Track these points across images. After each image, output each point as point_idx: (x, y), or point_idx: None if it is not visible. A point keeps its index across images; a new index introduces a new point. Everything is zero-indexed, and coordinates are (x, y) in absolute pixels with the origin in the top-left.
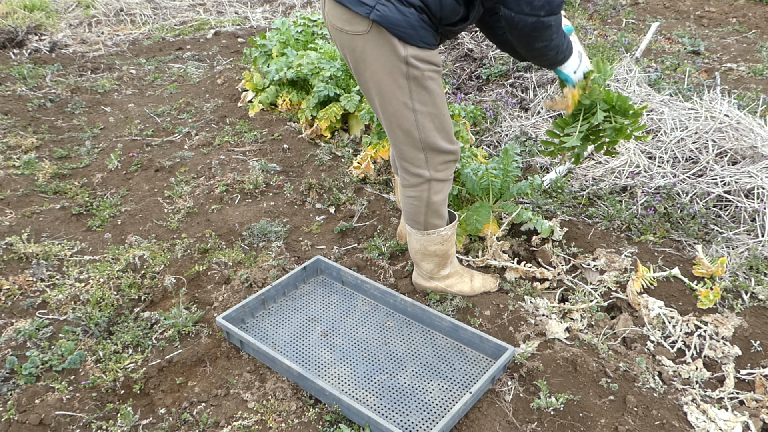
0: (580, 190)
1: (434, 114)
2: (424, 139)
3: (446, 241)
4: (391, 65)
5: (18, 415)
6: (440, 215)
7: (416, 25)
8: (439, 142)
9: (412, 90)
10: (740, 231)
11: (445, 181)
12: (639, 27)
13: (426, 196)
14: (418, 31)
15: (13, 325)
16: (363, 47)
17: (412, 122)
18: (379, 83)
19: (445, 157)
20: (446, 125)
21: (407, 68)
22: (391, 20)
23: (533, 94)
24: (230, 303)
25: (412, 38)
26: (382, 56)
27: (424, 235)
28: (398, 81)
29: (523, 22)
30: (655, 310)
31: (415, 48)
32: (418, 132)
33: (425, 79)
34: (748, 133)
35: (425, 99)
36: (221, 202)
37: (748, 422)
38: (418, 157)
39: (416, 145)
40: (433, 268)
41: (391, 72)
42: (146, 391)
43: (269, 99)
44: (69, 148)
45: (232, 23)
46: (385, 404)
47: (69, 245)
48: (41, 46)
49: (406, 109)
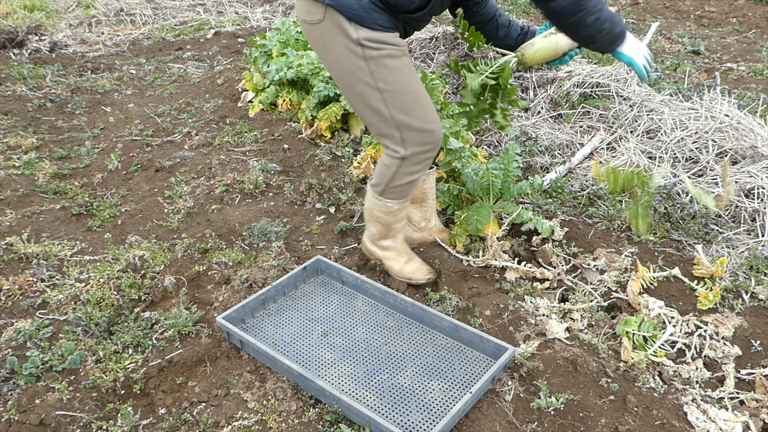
0: (580, 190)
1: (401, 91)
2: (395, 116)
3: (391, 214)
4: (347, 49)
5: (18, 415)
6: (400, 193)
7: (368, 8)
8: (412, 120)
9: (372, 70)
10: (740, 231)
11: (419, 165)
12: (639, 27)
13: (395, 170)
14: (370, 14)
15: (14, 325)
16: (321, 34)
17: (379, 100)
18: (341, 67)
19: (422, 136)
20: (419, 102)
21: (362, 50)
22: (342, 3)
23: (533, 94)
24: (230, 303)
25: (365, 20)
26: (338, 41)
27: (375, 197)
28: (357, 63)
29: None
30: (656, 310)
31: (368, 30)
32: (387, 110)
33: (383, 58)
34: (748, 133)
35: (388, 77)
36: (221, 202)
37: (749, 422)
38: (393, 134)
39: (389, 123)
40: (375, 233)
41: (349, 55)
42: (146, 391)
43: (269, 99)
44: (69, 148)
45: (232, 23)
46: (386, 404)
47: (69, 245)
48: (41, 46)
49: (370, 89)
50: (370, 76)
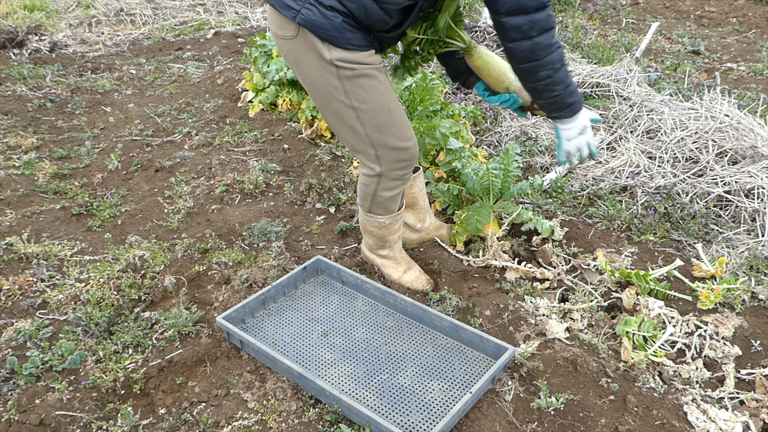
0: (580, 190)
1: (376, 110)
2: (370, 135)
3: (384, 228)
4: (320, 68)
5: (18, 415)
6: (385, 208)
7: (341, 28)
8: (387, 138)
9: (347, 89)
10: (740, 231)
11: (397, 180)
12: (639, 27)
13: (374, 188)
14: (344, 34)
15: (14, 325)
16: (294, 51)
17: (354, 118)
18: (314, 84)
19: (397, 154)
20: (395, 121)
21: (336, 70)
22: (315, 23)
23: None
24: (230, 303)
25: (338, 41)
26: (311, 59)
27: (364, 214)
28: (331, 82)
29: (520, 49)
30: (656, 310)
31: (342, 50)
32: (362, 128)
33: (358, 77)
34: (748, 133)
35: (363, 97)
36: (221, 202)
37: (749, 422)
38: (368, 152)
39: (363, 140)
40: (372, 244)
41: (322, 74)
42: (146, 391)
43: (269, 99)
44: (69, 148)
45: (232, 23)
46: (386, 404)
47: (69, 245)
48: (41, 46)
49: (345, 107)
50: (345, 95)
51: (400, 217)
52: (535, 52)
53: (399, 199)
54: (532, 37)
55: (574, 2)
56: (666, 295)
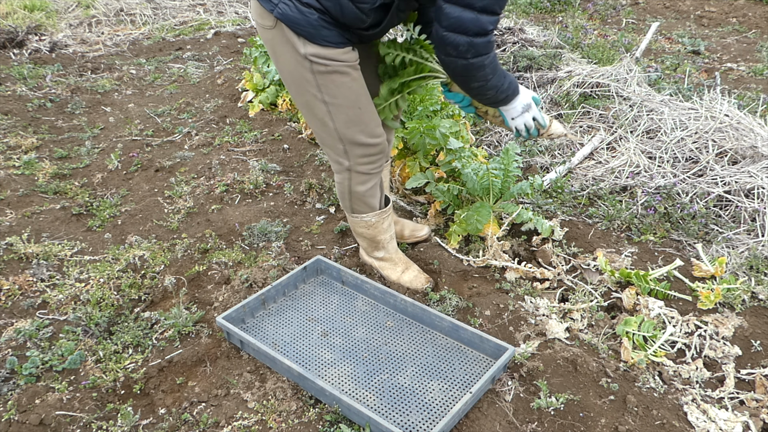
0: (580, 190)
1: (347, 106)
2: (339, 129)
3: (371, 227)
4: (295, 60)
5: (18, 415)
6: (366, 204)
7: (316, 25)
8: (355, 134)
9: (319, 84)
10: (740, 231)
11: (367, 174)
12: (639, 27)
13: (348, 184)
14: (319, 31)
15: (14, 325)
16: (272, 40)
17: (324, 112)
18: (289, 75)
19: (365, 150)
20: (364, 118)
21: (310, 64)
22: (291, 18)
23: None
24: (230, 303)
25: (313, 37)
26: (287, 51)
27: (349, 215)
28: (305, 75)
29: (454, 65)
30: (656, 310)
31: (317, 46)
32: (332, 122)
33: (331, 73)
34: (748, 133)
35: (334, 92)
36: (221, 202)
37: (749, 422)
38: (336, 146)
39: (332, 135)
40: (366, 246)
41: (297, 67)
42: (146, 391)
43: (269, 99)
44: (69, 148)
45: (232, 23)
46: (386, 404)
47: (69, 245)
48: (41, 46)
49: (316, 101)
50: (317, 89)
51: (387, 216)
52: (468, 70)
53: (377, 193)
54: (467, 58)
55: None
56: (666, 295)
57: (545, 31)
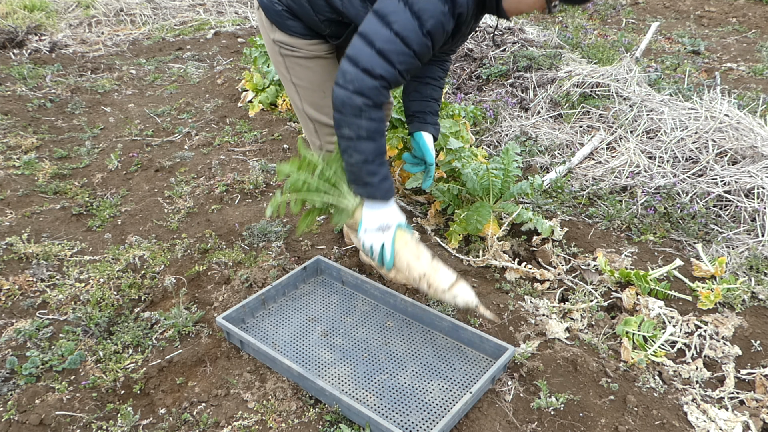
0: (580, 190)
1: (312, 89)
2: (306, 110)
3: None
4: (269, 42)
5: (18, 415)
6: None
7: (282, 15)
8: (320, 116)
9: (288, 66)
10: (740, 231)
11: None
12: (639, 27)
13: None
14: (285, 21)
15: (14, 325)
16: (259, 21)
17: (294, 92)
18: (270, 53)
19: (331, 130)
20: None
21: (278, 48)
22: (264, 5)
23: (533, 94)
24: (230, 303)
25: (281, 25)
26: (264, 34)
27: None
28: (276, 57)
29: (335, 94)
30: (656, 310)
31: (284, 34)
32: (300, 103)
33: (297, 57)
34: (748, 133)
35: (301, 74)
36: (221, 202)
37: (749, 422)
38: (307, 125)
39: (302, 114)
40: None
41: (271, 48)
42: (146, 391)
43: (269, 99)
44: (69, 148)
45: (232, 23)
46: (385, 404)
47: (69, 245)
48: (41, 47)
49: (287, 81)
50: (286, 71)
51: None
52: (344, 105)
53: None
54: (348, 90)
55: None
56: (666, 295)
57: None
